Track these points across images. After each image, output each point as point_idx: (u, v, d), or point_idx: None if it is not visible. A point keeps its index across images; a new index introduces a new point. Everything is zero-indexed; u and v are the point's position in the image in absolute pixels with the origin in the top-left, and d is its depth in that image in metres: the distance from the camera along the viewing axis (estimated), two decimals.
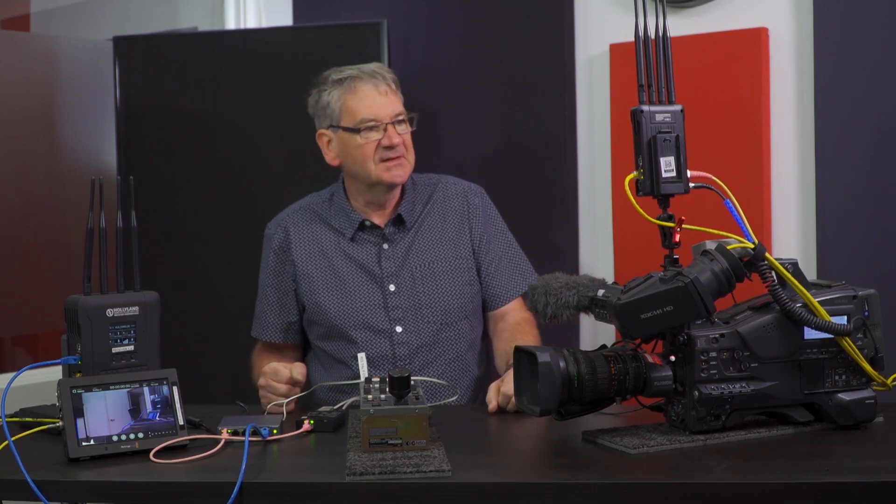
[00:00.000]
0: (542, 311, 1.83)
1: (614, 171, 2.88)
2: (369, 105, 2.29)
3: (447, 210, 2.40)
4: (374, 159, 2.28)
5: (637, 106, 1.76)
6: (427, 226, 2.37)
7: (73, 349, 1.89)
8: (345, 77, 2.33)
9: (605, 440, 1.73)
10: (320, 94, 2.37)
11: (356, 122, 2.29)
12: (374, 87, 2.31)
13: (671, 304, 1.68)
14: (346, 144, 2.32)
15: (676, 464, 1.62)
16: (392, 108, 2.31)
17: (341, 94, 2.32)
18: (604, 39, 2.90)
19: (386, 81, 2.33)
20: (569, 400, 1.72)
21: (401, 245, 2.34)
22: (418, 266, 2.33)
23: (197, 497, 1.60)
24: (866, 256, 2.58)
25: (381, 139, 2.28)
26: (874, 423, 1.80)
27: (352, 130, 2.30)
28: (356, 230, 2.34)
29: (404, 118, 2.32)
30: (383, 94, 2.31)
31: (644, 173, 1.75)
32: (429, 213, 2.39)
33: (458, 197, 2.42)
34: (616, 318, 1.70)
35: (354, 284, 2.31)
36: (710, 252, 1.73)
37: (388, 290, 2.30)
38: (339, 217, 2.37)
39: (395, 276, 2.31)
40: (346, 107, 2.31)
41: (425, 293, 2.31)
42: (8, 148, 3.35)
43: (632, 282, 1.74)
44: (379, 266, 2.32)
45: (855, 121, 2.58)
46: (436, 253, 2.35)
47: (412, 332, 2.29)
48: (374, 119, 2.28)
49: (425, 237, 2.36)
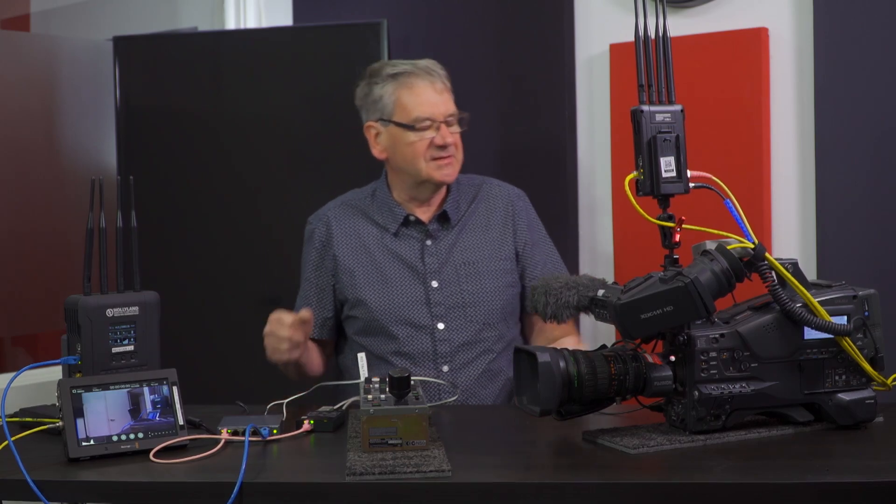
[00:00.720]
0: (542, 311, 1.83)
1: (614, 171, 2.88)
2: (424, 102, 2.28)
3: (492, 210, 2.40)
4: (424, 157, 2.28)
5: (637, 106, 1.76)
6: (471, 224, 2.38)
7: (73, 349, 1.89)
8: (400, 72, 2.31)
9: (605, 440, 1.73)
10: (371, 87, 2.35)
11: (410, 119, 2.28)
12: (431, 84, 2.30)
13: (671, 304, 1.68)
14: (397, 140, 2.31)
15: (676, 464, 1.62)
16: (446, 106, 2.30)
17: (396, 89, 2.30)
18: (604, 39, 2.90)
19: (441, 79, 2.32)
20: (569, 400, 1.72)
21: (444, 242, 2.34)
22: (462, 264, 2.33)
23: (197, 497, 1.59)
24: (866, 256, 2.58)
25: (434, 138, 2.27)
26: (874, 423, 1.80)
27: (405, 127, 2.28)
28: (400, 225, 2.34)
29: (456, 118, 2.31)
30: (438, 93, 2.31)
31: (644, 173, 1.75)
32: (473, 213, 2.39)
33: (503, 199, 2.43)
34: (616, 318, 1.70)
35: (396, 279, 2.31)
36: (710, 252, 1.73)
37: (431, 287, 2.30)
38: (382, 212, 2.36)
39: (439, 272, 2.31)
40: (400, 102, 2.30)
41: (469, 291, 2.30)
42: (8, 148, 3.34)
43: (632, 282, 1.74)
44: (422, 262, 2.32)
45: (855, 121, 2.58)
46: (480, 252, 2.35)
47: (454, 330, 2.29)
48: (428, 117, 2.27)
49: (469, 236, 2.36)
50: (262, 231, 3.11)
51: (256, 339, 3.06)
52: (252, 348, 3.07)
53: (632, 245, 2.77)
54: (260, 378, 3.01)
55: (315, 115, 3.08)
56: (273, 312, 2.17)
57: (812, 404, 1.78)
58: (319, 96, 3.07)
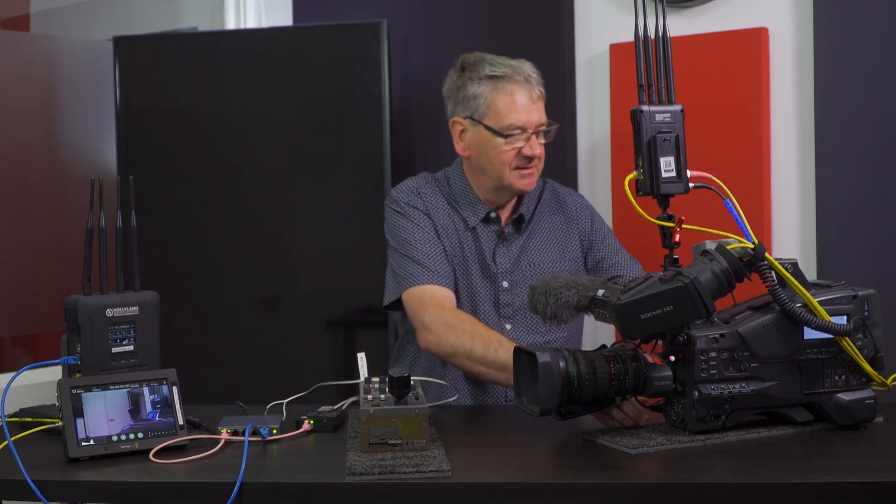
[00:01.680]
0: (541, 312, 1.83)
1: (614, 171, 2.88)
2: (520, 111, 2.26)
3: (555, 213, 2.42)
4: (510, 165, 2.27)
5: (637, 106, 1.76)
6: (538, 226, 2.39)
7: (72, 349, 1.89)
8: (500, 75, 2.27)
9: (605, 440, 1.73)
10: (465, 82, 2.31)
11: (503, 126, 2.26)
12: (528, 92, 2.28)
13: (671, 304, 1.68)
14: (485, 143, 2.29)
15: (676, 464, 1.62)
16: (538, 116, 2.28)
17: (492, 92, 2.27)
18: (604, 39, 2.89)
19: (538, 87, 2.30)
20: (569, 400, 1.72)
21: (515, 243, 2.35)
22: (529, 266, 2.34)
23: (197, 497, 1.59)
24: (866, 256, 2.57)
25: (523, 148, 2.26)
26: (874, 423, 1.80)
27: (496, 133, 2.26)
28: (480, 220, 2.34)
29: (547, 129, 2.30)
30: (534, 102, 2.28)
31: (644, 173, 1.75)
32: (539, 214, 2.40)
33: (566, 199, 2.45)
34: (616, 318, 1.70)
35: (475, 272, 2.31)
36: (710, 252, 1.73)
37: (502, 286, 2.31)
38: (463, 204, 2.35)
39: (510, 273, 2.32)
40: (494, 106, 2.27)
41: None
42: (8, 148, 3.34)
43: (632, 282, 1.74)
44: (493, 261, 2.32)
45: (855, 121, 2.58)
46: (547, 254, 2.36)
47: (522, 331, 2.30)
48: (521, 126, 2.26)
49: (537, 237, 2.37)
50: (262, 231, 3.11)
51: (256, 339, 3.08)
52: (252, 348, 3.09)
53: (632, 245, 2.76)
54: (260, 378, 3.03)
55: (315, 115, 3.08)
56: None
57: (812, 404, 1.78)
58: (319, 96, 3.07)
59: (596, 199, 2.96)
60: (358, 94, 3.02)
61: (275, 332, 3.09)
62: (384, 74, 3.00)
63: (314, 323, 3.07)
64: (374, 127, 3.00)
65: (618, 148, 2.87)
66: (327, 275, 3.05)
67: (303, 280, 3.08)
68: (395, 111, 3.07)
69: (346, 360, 3.06)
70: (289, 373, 3.04)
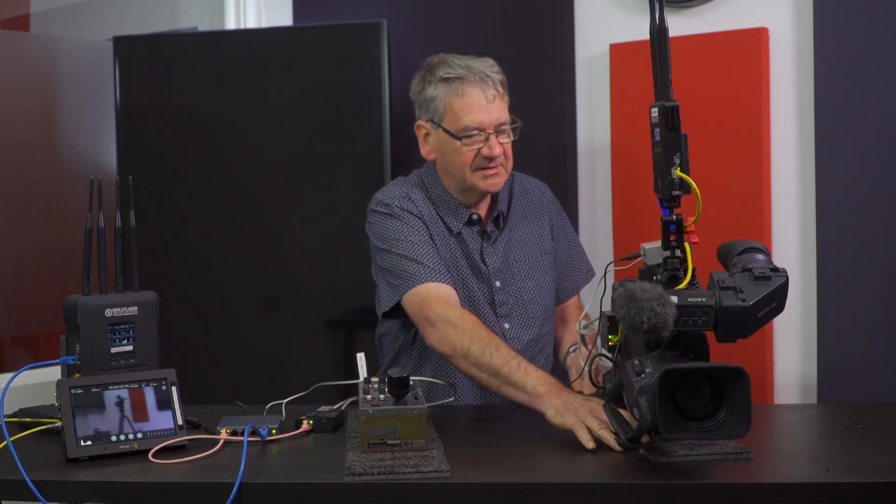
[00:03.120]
0: (638, 326, 1.60)
1: (614, 171, 2.88)
2: (474, 111, 2.22)
3: (528, 205, 2.41)
4: (471, 167, 2.24)
5: (666, 101, 1.71)
6: (517, 221, 2.38)
7: (72, 349, 1.89)
8: (454, 77, 2.23)
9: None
10: (425, 85, 2.29)
11: (458, 128, 2.23)
12: (482, 92, 2.23)
13: (776, 301, 1.64)
14: (445, 145, 2.27)
15: (676, 464, 1.62)
16: (497, 115, 2.23)
17: (447, 94, 2.24)
18: (604, 39, 2.89)
19: (494, 86, 2.24)
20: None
21: (499, 241, 2.35)
22: (516, 262, 2.34)
23: (196, 497, 1.59)
24: (866, 256, 2.57)
25: (482, 149, 2.23)
26: (874, 424, 1.80)
27: (453, 135, 2.24)
28: (463, 224, 2.32)
29: (507, 128, 2.26)
30: (490, 101, 2.23)
31: (682, 170, 1.71)
32: (515, 209, 2.39)
33: (535, 190, 2.44)
34: (738, 320, 1.62)
35: (467, 277, 2.29)
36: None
37: (495, 287, 2.30)
38: (444, 209, 2.32)
39: (500, 272, 2.32)
40: (450, 108, 2.24)
41: (527, 289, 2.32)
42: (8, 148, 3.34)
43: (650, 286, 1.63)
44: (483, 262, 2.31)
45: (855, 120, 2.58)
46: (528, 248, 2.37)
47: (520, 328, 2.30)
48: (477, 127, 2.22)
49: (518, 232, 2.37)
50: (262, 231, 3.10)
51: (256, 339, 3.08)
52: (251, 348, 3.09)
53: (632, 245, 2.76)
54: (259, 378, 3.03)
55: (315, 115, 3.08)
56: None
57: None
58: (319, 96, 3.07)
59: (596, 198, 2.96)
60: (358, 94, 3.02)
61: (275, 332, 3.09)
62: (384, 74, 3.00)
63: (314, 323, 3.07)
64: (374, 127, 3.00)
65: (618, 148, 2.86)
66: (327, 275, 3.05)
67: (303, 280, 3.08)
68: (395, 111, 3.07)
69: (346, 361, 3.06)
70: (288, 373, 3.04)
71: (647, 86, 1.86)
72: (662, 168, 1.71)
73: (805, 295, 2.65)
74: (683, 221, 1.73)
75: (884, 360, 2.54)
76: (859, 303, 2.57)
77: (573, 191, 2.98)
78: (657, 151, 1.73)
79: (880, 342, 2.55)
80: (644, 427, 1.57)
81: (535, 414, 1.90)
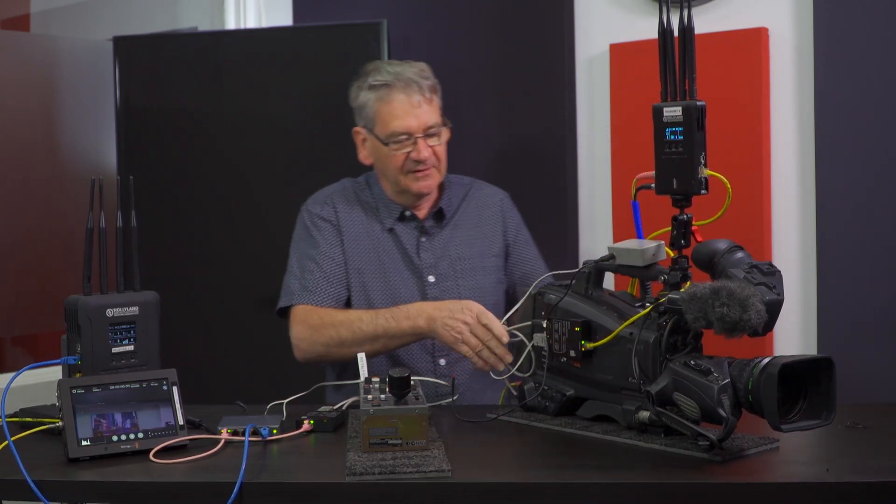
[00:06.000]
0: (743, 324, 1.58)
1: (614, 171, 2.88)
2: (401, 117, 2.27)
3: (483, 209, 2.43)
4: (402, 170, 2.30)
5: (695, 101, 1.71)
6: (464, 222, 2.40)
7: (73, 349, 1.89)
8: (380, 84, 2.30)
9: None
10: (358, 93, 2.35)
11: (387, 133, 2.29)
12: (408, 97, 2.28)
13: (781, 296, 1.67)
14: (378, 150, 2.33)
15: (676, 464, 1.62)
16: (425, 119, 2.29)
17: (376, 102, 2.31)
18: (604, 39, 2.90)
19: (421, 91, 2.29)
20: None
21: (439, 238, 2.37)
22: (457, 259, 2.35)
23: (197, 497, 1.59)
24: (866, 256, 2.57)
25: (411, 152, 2.28)
26: (874, 424, 1.80)
27: (382, 141, 2.30)
28: (396, 220, 2.35)
29: (438, 130, 2.31)
30: (416, 106, 2.28)
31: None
32: (465, 210, 2.42)
33: (493, 198, 2.46)
34: (776, 314, 1.63)
35: (396, 272, 2.32)
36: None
37: (428, 281, 2.32)
38: (379, 206, 2.38)
39: (434, 267, 2.33)
40: (379, 115, 2.30)
41: (466, 287, 2.33)
42: (8, 148, 3.35)
43: (701, 284, 1.62)
44: (418, 257, 2.33)
45: (855, 121, 2.58)
46: (473, 248, 2.38)
47: None
48: (404, 132, 2.28)
49: (462, 232, 2.39)
50: (262, 231, 3.10)
51: (256, 339, 3.08)
52: (252, 348, 3.08)
53: None
54: (260, 378, 3.02)
55: (315, 115, 3.08)
56: (474, 310, 2.06)
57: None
58: (319, 96, 3.07)
59: (596, 198, 2.96)
60: None
61: (275, 332, 3.08)
62: None
63: None
64: None
65: (618, 148, 2.87)
66: None
67: None
68: None
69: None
70: (289, 373, 3.03)
71: (647, 86, 1.86)
72: (684, 168, 1.70)
73: (805, 295, 2.66)
74: (693, 221, 1.74)
75: (884, 360, 2.54)
76: (859, 303, 2.57)
77: (573, 191, 2.98)
78: (670, 151, 1.72)
79: (880, 342, 2.55)
80: (732, 427, 1.58)
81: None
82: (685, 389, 1.61)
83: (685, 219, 1.73)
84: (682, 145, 1.70)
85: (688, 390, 1.60)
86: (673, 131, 1.71)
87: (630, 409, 1.76)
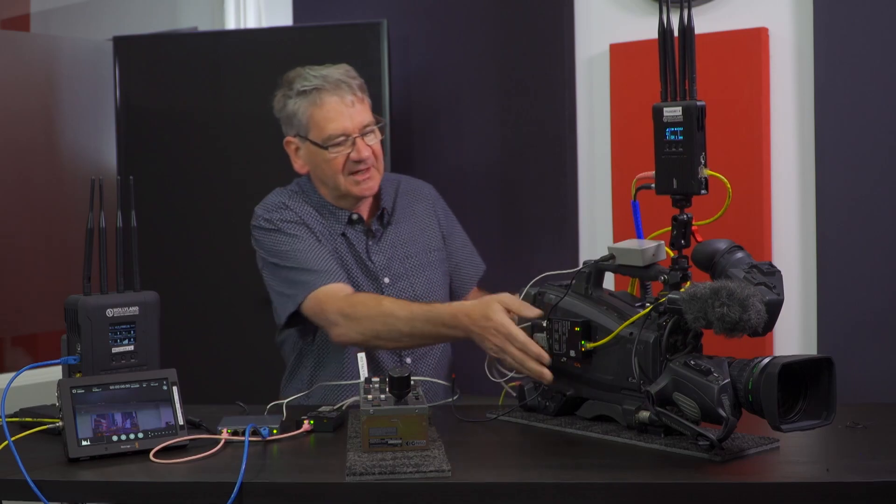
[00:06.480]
0: (743, 325, 1.58)
1: (614, 171, 2.88)
2: (336, 119, 2.26)
3: (415, 203, 2.43)
4: (343, 173, 2.27)
5: (696, 101, 1.71)
6: (402, 219, 2.39)
7: (73, 349, 1.89)
8: (310, 88, 2.28)
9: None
10: (286, 101, 2.33)
11: (324, 137, 2.26)
12: (340, 99, 2.27)
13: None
14: (315, 156, 2.30)
15: (676, 464, 1.62)
16: (360, 118, 2.28)
17: (308, 107, 2.28)
18: (604, 39, 2.90)
19: (352, 90, 2.29)
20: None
21: (385, 239, 2.36)
22: (406, 257, 2.35)
23: (197, 497, 1.59)
24: (866, 256, 2.57)
25: (350, 153, 2.26)
26: (874, 424, 1.80)
27: (320, 146, 2.27)
28: (346, 224, 2.33)
29: (373, 128, 2.30)
30: (349, 106, 2.27)
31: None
32: (400, 206, 2.41)
33: (423, 190, 2.47)
34: (776, 314, 1.64)
35: (354, 275, 2.30)
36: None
37: (384, 283, 2.31)
38: (325, 214, 2.34)
39: (388, 268, 2.33)
40: (313, 120, 2.28)
41: (419, 284, 2.33)
42: (8, 148, 3.35)
43: (698, 284, 1.63)
44: (370, 260, 2.32)
45: (855, 121, 2.58)
46: (417, 244, 2.38)
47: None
48: (341, 134, 2.26)
49: (403, 229, 2.38)
50: None
51: (256, 339, 3.08)
52: (252, 348, 3.08)
53: None
54: (260, 378, 3.02)
55: None
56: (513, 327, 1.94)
57: None
58: None
59: (596, 198, 2.96)
60: None
61: (275, 332, 3.09)
62: (384, 74, 3.00)
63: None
64: None
65: (618, 148, 2.87)
66: None
67: None
68: (395, 111, 3.07)
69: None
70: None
71: (647, 86, 1.86)
72: (684, 168, 1.70)
73: (805, 295, 2.66)
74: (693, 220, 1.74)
75: (884, 360, 2.54)
76: (859, 303, 2.57)
77: (573, 191, 2.98)
78: (670, 151, 1.72)
79: (880, 342, 2.55)
80: (732, 427, 1.57)
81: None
82: (685, 389, 1.61)
83: (685, 219, 1.73)
84: (682, 145, 1.70)
85: (688, 390, 1.61)
86: (673, 131, 1.71)
87: (630, 409, 1.76)
